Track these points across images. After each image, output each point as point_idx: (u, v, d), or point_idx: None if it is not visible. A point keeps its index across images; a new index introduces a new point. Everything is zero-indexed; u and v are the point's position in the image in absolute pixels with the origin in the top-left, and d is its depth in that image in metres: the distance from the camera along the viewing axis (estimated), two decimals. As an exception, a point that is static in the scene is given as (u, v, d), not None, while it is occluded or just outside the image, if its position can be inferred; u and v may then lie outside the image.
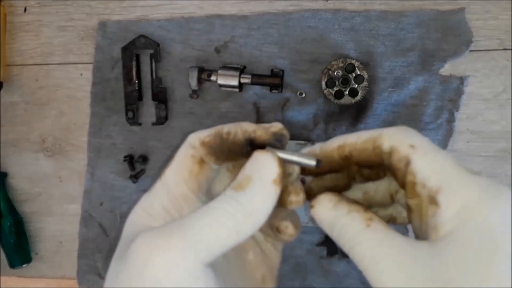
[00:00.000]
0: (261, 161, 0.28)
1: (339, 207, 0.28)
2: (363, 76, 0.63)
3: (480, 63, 0.64)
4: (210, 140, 0.31)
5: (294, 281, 0.67)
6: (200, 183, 0.31)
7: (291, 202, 0.31)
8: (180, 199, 0.30)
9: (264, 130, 0.30)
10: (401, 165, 0.27)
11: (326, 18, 0.65)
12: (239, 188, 0.27)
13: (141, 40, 0.67)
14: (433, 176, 0.26)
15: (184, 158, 0.31)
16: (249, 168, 0.28)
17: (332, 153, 0.31)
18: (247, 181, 0.27)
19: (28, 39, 0.73)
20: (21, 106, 0.73)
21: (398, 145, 0.28)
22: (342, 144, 0.31)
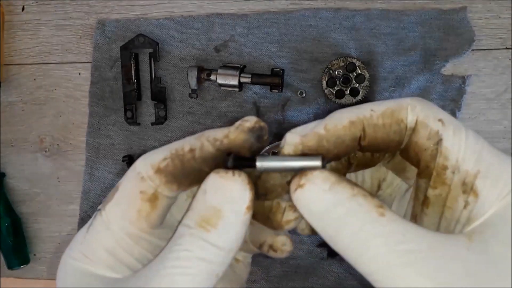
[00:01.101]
0: (229, 188, 0.23)
1: (339, 189, 0.22)
2: (364, 76, 0.63)
3: (482, 62, 0.63)
4: (167, 165, 0.24)
5: (295, 283, 0.67)
6: (153, 222, 0.25)
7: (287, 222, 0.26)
8: (128, 240, 0.25)
9: (238, 130, 0.24)
10: (431, 143, 0.22)
11: (327, 17, 0.64)
12: (207, 225, 0.22)
13: (140, 39, 0.66)
14: (468, 158, 0.21)
15: (130, 194, 0.25)
16: (214, 198, 0.23)
17: (343, 134, 0.23)
18: (216, 216, 0.22)
19: (26, 38, 0.72)
20: (19, 106, 0.73)
21: (426, 119, 0.23)
22: (355, 119, 0.23)
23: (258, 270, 0.67)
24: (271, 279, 0.67)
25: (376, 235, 0.20)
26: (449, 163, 0.22)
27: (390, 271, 0.19)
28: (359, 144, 0.24)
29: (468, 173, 0.21)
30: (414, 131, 0.23)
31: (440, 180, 0.22)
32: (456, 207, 0.22)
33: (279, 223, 0.26)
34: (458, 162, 0.22)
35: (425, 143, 0.22)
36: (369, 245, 0.20)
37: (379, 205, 0.21)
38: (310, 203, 0.22)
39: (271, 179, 0.25)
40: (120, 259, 0.24)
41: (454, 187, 0.22)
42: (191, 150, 0.24)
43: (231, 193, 0.23)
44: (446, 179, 0.22)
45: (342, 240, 0.21)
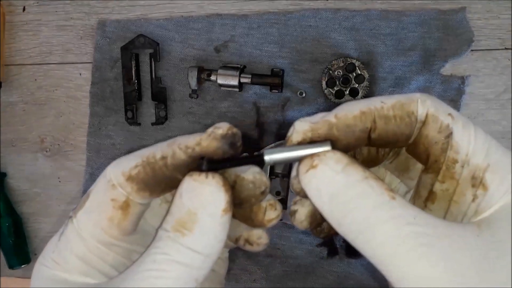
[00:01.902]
0: (203, 191, 0.22)
1: (351, 171, 0.21)
2: (364, 76, 0.63)
3: (482, 62, 0.64)
4: (138, 172, 0.24)
5: (294, 282, 0.67)
6: (126, 229, 0.25)
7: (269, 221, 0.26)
8: (100, 247, 0.24)
9: (210, 138, 0.23)
10: (441, 136, 0.22)
11: (327, 17, 0.65)
12: (183, 229, 0.22)
13: (140, 40, 0.66)
14: (478, 152, 0.21)
15: (101, 201, 0.24)
16: (189, 201, 0.22)
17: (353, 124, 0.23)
18: (192, 220, 0.22)
19: (27, 39, 0.72)
20: (20, 106, 0.73)
21: (437, 112, 0.23)
22: (366, 109, 0.23)
23: (258, 270, 0.68)
24: (271, 278, 0.67)
25: (387, 218, 0.20)
26: (459, 156, 0.22)
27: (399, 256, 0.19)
28: (369, 137, 0.23)
29: (478, 167, 0.21)
30: (424, 124, 0.23)
31: (449, 174, 0.22)
32: (463, 201, 0.22)
33: (261, 222, 0.26)
34: (468, 156, 0.22)
35: (435, 136, 0.22)
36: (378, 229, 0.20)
37: (390, 189, 0.21)
38: (321, 184, 0.22)
39: (245, 190, 0.25)
40: (93, 265, 0.24)
41: (463, 181, 0.22)
42: (162, 158, 0.24)
43: (206, 196, 0.22)
44: (455, 173, 0.22)
45: (350, 223, 0.21)
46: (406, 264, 0.19)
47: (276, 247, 0.67)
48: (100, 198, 0.24)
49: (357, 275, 0.66)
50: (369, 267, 0.66)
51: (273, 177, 0.61)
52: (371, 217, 0.20)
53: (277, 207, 0.26)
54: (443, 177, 0.22)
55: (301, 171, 0.22)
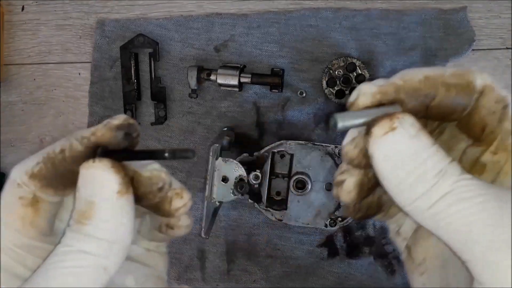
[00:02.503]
0: (94, 176, 0.23)
1: (422, 136, 0.22)
2: (365, 76, 0.62)
3: (483, 62, 0.63)
4: (40, 169, 0.24)
5: (295, 283, 0.67)
6: (41, 228, 0.25)
7: (176, 210, 0.26)
8: (18, 251, 0.24)
9: (106, 128, 0.24)
10: (499, 107, 0.23)
11: (327, 16, 0.64)
12: (83, 220, 0.22)
13: (139, 39, 0.66)
14: None
15: (10, 202, 0.24)
16: (84, 191, 0.23)
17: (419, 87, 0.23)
18: (90, 208, 0.22)
19: (26, 38, 0.72)
20: (19, 106, 0.73)
21: (494, 85, 0.23)
22: (431, 75, 0.23)
23: (258, 270, 0.67)
24: (271, 279, 0.67)
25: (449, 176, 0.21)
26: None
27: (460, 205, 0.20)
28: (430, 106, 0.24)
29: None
30: (482, 94, 0.23)
31: (502, 145, 0.23)
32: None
33: (168, 212, 0.26)
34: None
35: (493, 106, 0.23)
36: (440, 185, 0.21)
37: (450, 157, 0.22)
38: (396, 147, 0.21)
39: (142, 186, 0.25)
40: (13, 272, 0.24)
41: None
42: (61, 151, 0.24)
43: (97, 181, 0.23)
44: (508, 145, 0.22)
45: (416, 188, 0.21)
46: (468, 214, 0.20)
47: (276, 248, 0.67)
48: (7, 199, 0.24)
49: (357, 276, 0.65)
50: (369, 267, 0.65)
51: (273, 177, 0.61)
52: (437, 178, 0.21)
53: (184, 195, 0.26)
54: (496, 148, 0.23)
55: (375, 135, 0.22)
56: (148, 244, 0.30)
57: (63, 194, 0.25)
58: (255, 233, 0.67)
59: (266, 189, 0.59)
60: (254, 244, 0.67)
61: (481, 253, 0.20)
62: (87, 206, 0.23)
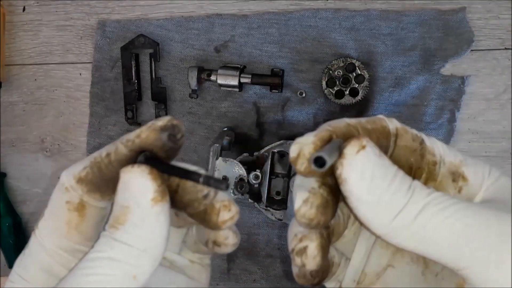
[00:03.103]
0: (130, 182, 0.23)
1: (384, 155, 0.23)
2: (364, 76, 0.63)
3: (482, 62, 0.64)
4: (87, 173, 0.24)
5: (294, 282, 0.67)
6: (86, 233, 0.25)
7: (224, 222, 0.25)
8: (63, 254, 0.24)
9: (150, 129, 0.23)
10: (416, 144, 0.24)
11: (327, 17, 0.64)
12: (117, 224, 0.22)
13: (140, 40, 0.66)
14: (448, 152, 0.24)
15: (57, 206, 0.24)
16: (121, 195, 0.23)
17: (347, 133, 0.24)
18: (124, 213, 0.22)
19: (27, 39, 0.72)
20: (20, 106, 0.73)
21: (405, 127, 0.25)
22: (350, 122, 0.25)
23: (258, 270, 0.68)
24: (271, 278, 0.67)
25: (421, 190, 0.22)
26: (436, 158, 0.24)
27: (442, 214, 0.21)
28: None
29: (453, 164, 0.24)
30: (398, 137, 0.24)
31: (432, 176, 0.24)
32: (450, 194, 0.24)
33: (215, 224, 0.25)
34: (442, 157, 0.24)
35: (412, 144, 0.24)
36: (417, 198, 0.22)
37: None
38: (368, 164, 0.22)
39: (187, 193, 0.25)
40: (57, 275, 0.24)
41: (444, 179, 0.24)
42: (107, 155, 0.24)
43: (133, 187, 0.23)
44: (436, 174, 0.24)
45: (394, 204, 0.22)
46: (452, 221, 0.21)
47: (276, 247, 0.67)
48: (55, 203, 0.24)
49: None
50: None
51: (273, 177, 0.61)
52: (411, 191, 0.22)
53: (232, 208, 0.25)
54: (427, 180, 0.24)
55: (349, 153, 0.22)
56: (192, 256, 0.30)
57: (110, 199, 0.25)
58: (255, 233, 0.68)
59: (266, 189, 0.60)
60: (254, 243, 0.67)
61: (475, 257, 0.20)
62: (121, 211, 0.22)
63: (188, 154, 0.69)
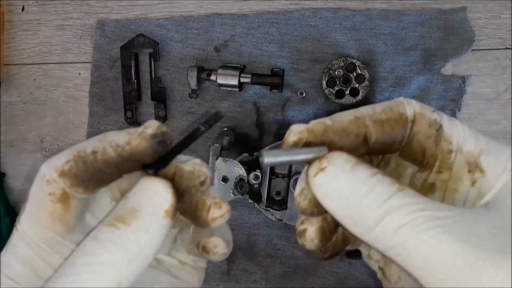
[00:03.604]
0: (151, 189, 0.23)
1: (360, 168, 0.22)
2: (364, 76, 0.63)
3: (482, 62, 0.63)
4: (70, 167, 0.24)
5: (295, 283, 0.67)
6: (69, 224, 0.25)
7: (213, 219, 0.25)
8: (45, 247, 0.24)
9: (140, 137, 0.23)
10: (433, 130, 0.23)
11: (327, 17, 0.64)
12: (119, 224, 0.22)
13: (140, 39, 0.66)
14: (468, 140, 0.23)
15: (39, 198, 0.24)
16: (134, 198, 0.23)
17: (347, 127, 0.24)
18: (133, 215, 0.22)
19: (26, 38, 0.72)
20: (19, 106, 0.73)
21: (423, 110, 0.24)
22: (360, 115, 0.24)
23: (258, 270, 0.67)
24: (271, 279, 0.67)
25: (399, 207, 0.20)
26: (452, 146, 0.23)
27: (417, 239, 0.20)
28: (366, 143, 0.24)
29: (471, 153, 0.23)
30: (414, 122, 0.24)
31: (445, 164, 0.23)
32: (462, 187, 0.23)
33: (205, 221, 0.26)
34: (459, 145, 0.23)
35: (427, 131, 0.23)
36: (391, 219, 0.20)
37: (397, 182, 0.22)
38: (334, 186, 0.22)
39: (184, 180, 0.25)
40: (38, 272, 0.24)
41: (458, 168, 0.23)
42: (93, 152, 0.24)
43: (152, 195, 0.23)
44: (451, 163, 0.23)
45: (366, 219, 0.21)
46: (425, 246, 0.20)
47: (276, 248, 0.67)
48: (37, 195, 0.24)
49: (357, 276, 0.66)
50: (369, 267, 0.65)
51: (274, 177, 0.61)
52: (385, 207, 0.21)
53: (223, 206, 0.26)
54: (440, 168, 0.23)
55: (309, 176, 0.23)
56: (185, 257, 0.30)
57: (93, 192, 0.25)
58: (255, 233, 0.67)
59: (266, 189, 0.59)
60: (254, 244, 0.67)
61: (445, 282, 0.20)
62: (130, 212, 0.22)
63: (187, 154, 0.68)
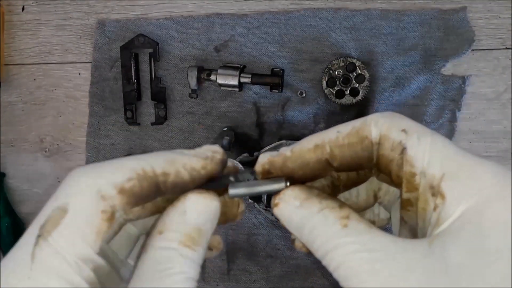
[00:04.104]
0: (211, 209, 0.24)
1: (308, 204, 0.23)
2: (364, 76, 0.63)
3: (482, 62, 0.63)
4: (133, 186, 0.23)
5: (295, 283, 0.67)
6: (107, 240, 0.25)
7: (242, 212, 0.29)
8: (81, 264, 0.22)
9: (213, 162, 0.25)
10: (395, 154, 0.23)
11: (327, 17, 0.64)
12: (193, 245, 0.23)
13: (140, 39, 0.66)
14: (434, 162, 0.22)
15: (91, 215, 0.23)
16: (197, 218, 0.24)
17: (307, 156, 0.25)
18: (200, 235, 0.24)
19: (26, 38, 0.72)
20: (19, 106, 0.73)
21: (388, 131, 0.24)
22: (320, 142, 0.25)
23: (258, 270, 0.67)
24: (271, 279, 0.67)
25: (337, 247, 0.22)
26: (416, 169, 0.22)
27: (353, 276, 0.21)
28: (333, 166, 0.25)
29: (434, 177, 0.22)
30: (379, 145, 0.24)
31: (411, 186, 0.23)
32: (429, 209, 0.22)
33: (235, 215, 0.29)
34: (424, 168, 0.22)
35: (390, 154, 0.23)
36: (332, 256, 0.22)
37: (345, 216, 0.22)
38: (287, 219, 0.24)
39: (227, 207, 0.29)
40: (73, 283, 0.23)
41: (423, 191, 0.22)
42: (164, 174, 0.24)
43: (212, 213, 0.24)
44: (416, 183, 0.23)
45: (315, 250, 0.23)
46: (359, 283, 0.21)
47: (276, 248, 0.67)
48: (86, 211, 0.23)
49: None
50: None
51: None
52: (326, 245, 0.22)
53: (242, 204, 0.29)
54: (407, 189, 0.23)
55: (272, 204, 0.25)
56: None
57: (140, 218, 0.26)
58: (255, 233, 0.67)
59: (266, 189, 0.59)
60: (254, 244, 0.67)
61: None
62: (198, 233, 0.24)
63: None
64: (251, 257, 0.67)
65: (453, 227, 0.21)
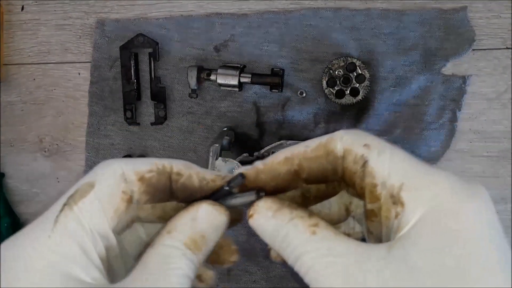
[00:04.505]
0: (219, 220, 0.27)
1: (280, 215, 0.25)
2: (365, 75, 0.62)
3: (483, 62, 0.63)
4: (152, 176, 0.27)
5: (294, 283, 0.67)
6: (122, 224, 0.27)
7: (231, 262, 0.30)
8: (97, 237, 0.25)
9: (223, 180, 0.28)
10: (357, 167, 0.25)
11: (327, 16, 0.64)
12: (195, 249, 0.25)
13: (139, 39, 0.66)
14: (394, 173, 0.24)
15: (111, 191, 0.26)
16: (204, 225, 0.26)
17: (278, 168, 0.27)
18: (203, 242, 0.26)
19: (26, 38, 0.72)
20: (19, 106, 0.73)
21: (352, 146, 0.26)
22: (290, 155, 0.27)
23: (258, 271, 0.67)
24: (271, 279, 0.67)
25: (306, 252, 0.23)
26: (376, 181, 0.24)
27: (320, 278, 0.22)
28: (302, 178, 0.27)
29: (394, 187, 0.24)
30: (343, 159, 0.26)
31: (373, 196, 0.25)
32: (391, 217, 0.24)
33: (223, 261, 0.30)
34: (384, 179, 0.24)
35: (353, 167, 0.25)
36: (303, 261, 0.23)
37: (314, 224, 0.24)
38: (261, 230, 0.26)
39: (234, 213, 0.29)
40: (91, 258, 0.25)
41: (384, 201, 0.24)
42: (178, 173, 0.27)
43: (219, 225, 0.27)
44: (378, 194, 0.25)
45: (287, 258, 0.25)
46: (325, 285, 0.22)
47: (276, 248, 0.67)
48: (111, 189, 0.26)
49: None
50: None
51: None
52: (296, 252, 0.24)
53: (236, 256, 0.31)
54: (370, 199, 0.25)
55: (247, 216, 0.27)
56: None
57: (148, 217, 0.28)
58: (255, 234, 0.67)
59: (266, 189, 0.59)
60: (254, 244, 0.67)
61: None
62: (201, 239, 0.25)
63: (187, 154, 0.69)
64: (251, 257, 0.67)
65: (412, 231, 0.22)
